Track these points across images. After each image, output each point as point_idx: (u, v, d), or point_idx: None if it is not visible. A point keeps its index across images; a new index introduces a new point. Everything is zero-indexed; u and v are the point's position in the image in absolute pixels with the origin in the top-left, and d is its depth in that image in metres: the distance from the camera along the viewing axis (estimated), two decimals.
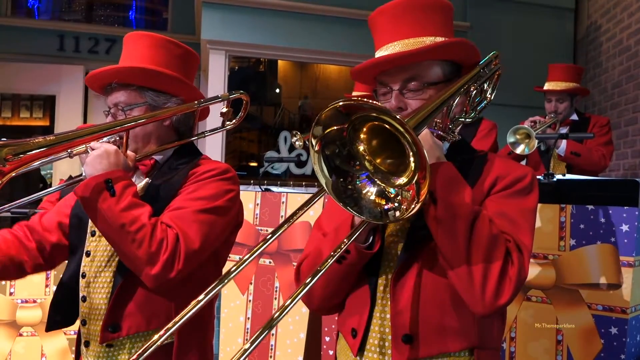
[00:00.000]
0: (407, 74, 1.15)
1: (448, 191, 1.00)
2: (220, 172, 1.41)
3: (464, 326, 1.08)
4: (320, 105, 6.61)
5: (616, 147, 3.97)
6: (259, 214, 2.81)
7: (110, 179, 1.25)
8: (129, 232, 1.21)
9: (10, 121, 6.53)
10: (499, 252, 0.99)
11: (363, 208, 0.95)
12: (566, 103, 3.28)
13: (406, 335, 1.07)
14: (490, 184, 1.12)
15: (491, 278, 0.98)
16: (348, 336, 1.18)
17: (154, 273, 1.21)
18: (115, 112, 1.45)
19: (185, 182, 1.39)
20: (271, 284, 2.72)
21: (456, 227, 0.98)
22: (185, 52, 1.54)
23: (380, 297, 1.13)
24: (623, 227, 1.75)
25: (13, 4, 5.41)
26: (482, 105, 1.30)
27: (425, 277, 1.09)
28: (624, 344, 1.71)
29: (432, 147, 1.05)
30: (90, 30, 5.23)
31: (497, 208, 1.08)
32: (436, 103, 1.02)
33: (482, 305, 0.99)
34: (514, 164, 1.17)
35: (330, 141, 0.94)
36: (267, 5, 4.12)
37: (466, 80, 1.17)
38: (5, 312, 2.46)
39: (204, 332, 1.45)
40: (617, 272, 1.75)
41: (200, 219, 1.30)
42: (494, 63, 1.31)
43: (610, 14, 4.33)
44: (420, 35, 1.15)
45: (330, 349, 2.42)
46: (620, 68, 4.14)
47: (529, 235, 1.08)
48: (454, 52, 1.17)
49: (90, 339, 1.38)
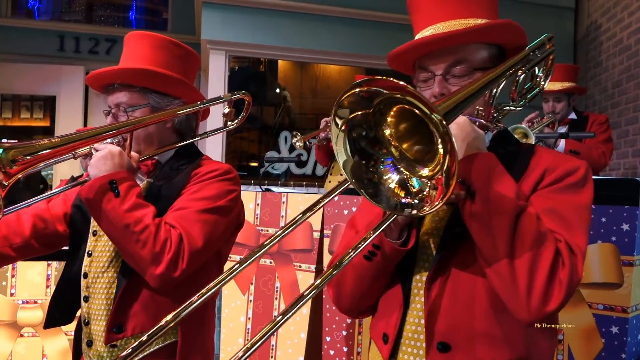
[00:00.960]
0: (452, 57, 1.04)
1: (487, 184, 0.89)
2: (223, 172, 1.41)
3: (508, 335, 0.95)
4: (321, 105, 6.62)
5: (617, 146, 3.97)
6: (259, 214, 2.81)
7: (115, 179, 1.25)
8: (133, 233, 1.21)
9: (10, 122, 6.53)
10: (548, 251, 0.87)
11: (381, 195, 0.87)
12: (563, 102, 3.29)
13: (442, 343, 0.97)
14: (537, 178, 1.00)
15: (538, 280, 0.85)
16: (379, 341, 1.08)
17: (159, 273, 1.22)
18: (116, 112, 1.44)
19: (188, 183, 1.39)
20: (272, 284, 2.72)
21: (497, 224, 0.87)
22: (186, 53, 1.54)
23: (414, 301, 1.03)
24: (624, 226, 1.75)
25: (13, 4, 5.41)
26: (533, 92, 1.18)
27: (464, 279, 0.98)
28: (625, 343, 1.71)
29: (469, 136, 0.94)
30: (90, 30, 5.23)
31: (545, 204, 0.95)
32: (474, 87, 0.90)
33: (527, 311, 0.86)
34: (565, 156, 1.04)
35: (356, 124, 0.86)
36: (267, 5, 4.12)
37: (512, 63, 1.05)
38: (6, 312, 2.46)
39: (206, 331, 1.46)
40: (618, 272, 1.75)
41: (203, 218, 1.31)
42: (548, 46, 1.16)
43: (610, 13, 4.33)
44: (466, 16, 1.05)
45: (331, 349, 2.42)
46: (621, 67, 4.14)
47: (583, 235, 0.94)
48: (502, 34, 1.06)
49: (93, 338, 1.39)
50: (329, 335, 2.43)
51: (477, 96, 0.91)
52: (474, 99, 0.90)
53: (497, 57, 1.09)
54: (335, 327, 2.41)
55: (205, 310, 1.45)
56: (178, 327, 1.35)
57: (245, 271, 2.81)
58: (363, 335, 2.37)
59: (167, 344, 1.36)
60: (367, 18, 4.25)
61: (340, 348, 2.41)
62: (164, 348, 1.35)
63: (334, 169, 3.67)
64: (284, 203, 2.74)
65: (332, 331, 2.42)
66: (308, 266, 2.61)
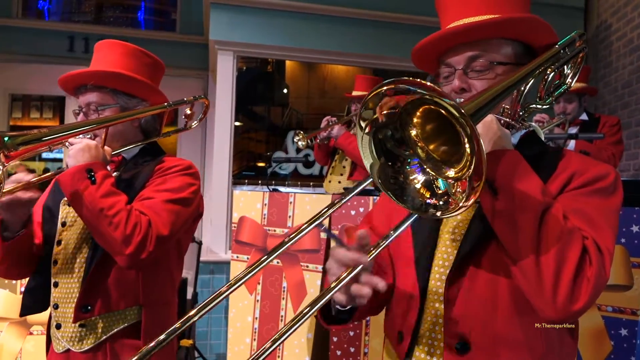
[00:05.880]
0: (473, 50, 1.02)
1: (511, 180, 0.86)
2: (184, 167, 1.56)
3: (529, 337, 0.94)
4: (328, 105, 6.62)
5: (626, 147, 3.94)
6: (267, 214, 2.82)
7: (92, 168, 1.38)
8: (107, 216, 1.34)
9: (20, 121, 6.58)
10: (575, 248, 0.84)
11: (407, 196, 0.86)
12: (575, 103, 3.26)
13: (461, 344, 0.95)
14: (565, 180, 0.97)
15: (565, 277, 0.83)
16: (394, 340, 1.08)
17: (128, 252, 1.35)
18: (87, 111, 1.58)
19: (152, 176, 1.53)
20: (279, 284, 2.72)
21: (521, 220, 0.85)
22: (153, 61, 1.69)
23: (432, 300, 1.02)
24: (634, 227, 1.73)
25: (24, 5, 5.45)
26: (560, 90, 1.16)
27: (486, 278, 0.96)
28: (634, 345, 1.70)
29: (495, 135, 0.92)
30: (99, 31, 5.25)
31: (573, 205, 0.92)
32: (502, 86, 0.87)
33: (553, 308, 0.84)
34: (594, 161, 1.01)
35: (382, 125, 0.85)
36: (274, 6, 4.13)
37: (541, 61, 1.01)
38: (16, 311, 2.48)
39: (170, 313, 1.61)
40: (628, 274, 1.73)
41: (168, 208, 1.45)
42: (578, 43, 1.13)
43: (620, 12, 4.29)
44: (493, 12, 1.02)
45: (338, 350, 2.42)
46: (631, 68, 4.10)
47: (610, 237, 0.91)
48: (522, 29, 1.04)
49: (61, 321, 1.51)
50: (335, 335, 2.43)
51: (505, 96, 0.88)
52: (501, 99, 0.87)
53: (523, 54, 1.06)
54: (342, 328, 2.41)
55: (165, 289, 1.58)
56: (142, 309, 1.50)
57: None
58: (370, 335, 2.37)
59: (131, 324, 1.49)
60: (376, 18, 4.24)
61: (347, 348, 2.41)
62: (128, 327, 1.49)
63: (334, 168, 3.66)
64: (291, 203, 2.74)
65: (339, 331, 2.42)
66: (315, 266, 2.61)
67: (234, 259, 2.92)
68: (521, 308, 0.92)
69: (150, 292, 1.52)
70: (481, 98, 0.81)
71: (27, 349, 2.50)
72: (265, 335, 2.73)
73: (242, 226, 2.90)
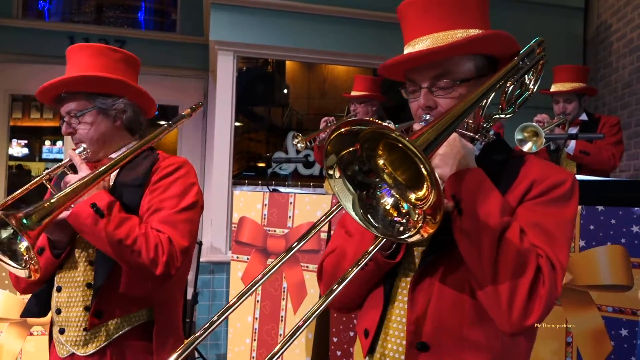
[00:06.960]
0: (436, 70, 1.06)
1: (474, 201, 0.93)
2: (180, 166, 1.57)
3: (487, 340, 1.00)
4: (328, 106, 6.62)
5: (627, 147, 3.94)
6: (267, 214, 2.82)
7: (94, 202, 1.38)
8: (127, 246, 1.36)
9: (21, 122, 6.60)
10: (529, 268, 0.92)
11: (379, 216, 0.91)
12: (574, 103, 3.26)
13: (421, 343, 1.02)
14: (525, 189, 1.03)
15: (519, 296, 0.91)
16: (361, 336, 1.15)
17: (159, 274, 1.38)
18: (69, 120, 1.57)
19: (150, 176, 1.54)
20: (279, 284, 2.72)
21: (482, 240, 0.92)
22: (124, 55, 1.65)
23: (396, 300, 1.09)
24: (634, 228, 1.73)
25: (24, 5, 5.45)
26: (522, 98, 1.19)
27: (447, 284, 1.03)
28: (635, 346, 1.70)
29: (459, 154, 0.97)
30: (99, 31, 5.25)
31: (530, 217, 0.99)
32: (456, 111, 0.91)
33: (509, 323, 0.92)
34: (554, 167, 1.08)
35: (348, 163, 0.89)
36: (275, 6, 4.13)
37: (500, 76, 1.06)
38: (16, 312, 2.48)
39: (175, 309, 1.61)
40: (628, 274, 1.73)
41: (182, 218, 1.48)
42: (538, 51, 1.18)
43: (621, 13, 4.29)
44: (452, 28, 1.05)
45: (338, 350, 2.42)
46: (631, 68, 4.10)
47: (564, 250, 0.98)
48: (486, 45, 1.07)
49: (65, 325, 1.49)
50: (336, 336, 2.43)
51: (460, 121, 0.92)
52: (456, 125, 0.91)
53: (486, 66, 1.10)
54: (343, 328, 2.41)
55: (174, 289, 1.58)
56: (152, 309, 1.50)
57: (252, 272, 2.82)
58: None
59: (142, 323, 1.49)
60: (376, 18, 4.24)
61: (347, 349, 2.41)
62: (139, 327, 1.49)
63: None
64: (291, 204, 2.74)
65: (339, 332, 2.42)
66: (315, 267, 2.61)
67: (234, 259, 2.92)
68: (481, 313, 0.98)
69: (161, 293, 1.52)
70: (432, 129, 0.85)
71: (28, 350, 2.50)
72: (265, 336, 2.73)
73: (242, 226, 2.90)
